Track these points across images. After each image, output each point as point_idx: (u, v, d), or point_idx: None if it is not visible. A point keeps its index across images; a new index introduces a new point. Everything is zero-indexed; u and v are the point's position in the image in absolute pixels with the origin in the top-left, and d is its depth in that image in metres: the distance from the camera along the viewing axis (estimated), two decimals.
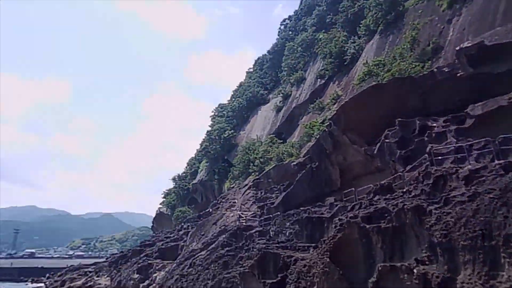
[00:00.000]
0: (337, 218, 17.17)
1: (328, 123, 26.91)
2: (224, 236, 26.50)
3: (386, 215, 14.37)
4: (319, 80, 43.34)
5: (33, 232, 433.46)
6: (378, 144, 20.66)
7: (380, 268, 13.61)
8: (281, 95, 52.22)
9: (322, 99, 38.61)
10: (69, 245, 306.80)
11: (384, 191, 17.15)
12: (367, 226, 14.66)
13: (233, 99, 71.08)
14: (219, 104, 75.20)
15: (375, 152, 20.84)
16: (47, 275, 78.21)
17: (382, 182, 18.07)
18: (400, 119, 19.84)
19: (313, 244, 18.33)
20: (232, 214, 32.82)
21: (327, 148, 25.93)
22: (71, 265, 61.95)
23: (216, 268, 22.20)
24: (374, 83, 23.70)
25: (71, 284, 41.44)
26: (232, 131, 59.83)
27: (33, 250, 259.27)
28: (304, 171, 27.60)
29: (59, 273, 57.24)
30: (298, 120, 43.46)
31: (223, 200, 40.66)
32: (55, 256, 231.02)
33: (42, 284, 59.70)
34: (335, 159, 25.33)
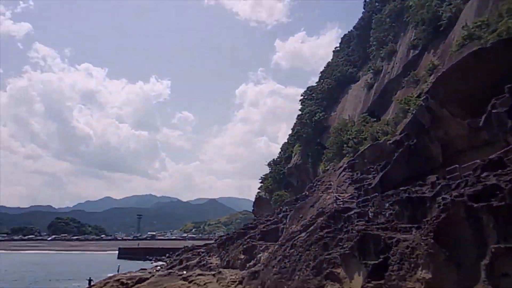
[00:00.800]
0: (440, 197, 16.36)
1: (424, 96, 25.21)
2: (322, 218, 26.99)
3: (497, 192, 13.34)
4: (412, 51, 40.30)
5: (152, 217, 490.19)
6: (485, 115, 18.82)
7: (493, 250, 12.75)
8: (371, 71, 49.92)
9: (416, 71, 35.96)
10: (182, 228, 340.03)
11: (494, 166, 15.73)
12: (475, 205, 13.76)
13: (322, 80, 70.05)
14: (308, 87, 74.87)
15: (481, 124, 19.03)
16: (167, 254, 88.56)
17: (491, 156, 16.56)
18: (510, 85, 17.77)
19: (415, 225, 17.78)
20: (328, 197, 33.07)
21: (425, 123, 24.40)
22: (186, 246, 68.99)
23: (317, 249, 22.91)
24: (476, 47, 21.39)
25: (188, 263, 46.29)
26: (323, 113, 59.34)
27: (154, 233, 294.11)
28: (401, 149, 26.39)
29: (176, 253, 64.41)
30: (391, 96, 41.23)
31: (319, 183, 41.03)
32: (172, 238, 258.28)
33: (164, 262, 67.96)
34: (435, 135, 23.73)
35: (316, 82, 75.79)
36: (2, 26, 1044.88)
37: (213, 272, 34.16)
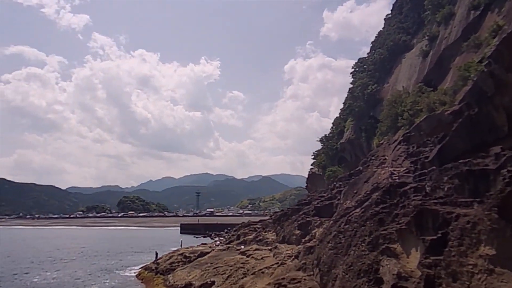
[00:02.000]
0: (505, 170, 15.44)
1: (487, 61, 23.32)
2: (377, 193, 26.63)
3: None
4: (472, 12, 36.98)
5: (209, 194, 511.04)
6: None
7: None
8: (426, 37, 46.69)
9: (478, 34, 33.07)
10: (238, 205, 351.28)
11: None
12: None
13: (373, 51, 66.97)
14: (359, 59, 72.01)
15: None
16: (225, 230, 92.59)
17: None
18: None
19: (477, 199, 17.02)
20: (383, 171, 32.37)
21: (488, 90, 22.67)
22: (242, 222, 71.52)
23: (372, 225, 22.78)
24: None
25: (245, 238, 48.21)
26: (375, 85, 57.05)
27: (212, 210, 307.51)
28: (461, 119, 24.88)
29: (234, 229, 67.09)
30: (449, 63, 38.48)
31: (373, 158, 40.13)
32: (229, 214, 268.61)
33: (223, 238, 71.24)
34: (500, 102, 22.01)
35: (368, 53, 72.74)
36: (63, 20, 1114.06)
37: (269, 247, 35.41)
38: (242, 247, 38.09)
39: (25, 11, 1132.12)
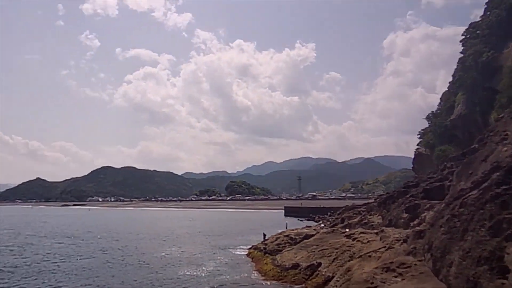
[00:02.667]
0: None
1: None
2: (498, 173, 23.99)
3: None
4: None
5: (311, 178, 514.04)
6: None
7: None
8: None
9: None
10: (341, 188, 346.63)
11: None
12: None
13: (488, 13, 58.73)
14: (470, 24, 63.90)
15: None
16: (328, 213, 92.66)
17: None
18: None
19: None
20: (505, 148, 28.77)
21: None
22: (346, 205, 70.78)
23: (493, 208, 20.75)
24: None
25: (349, 221, 47.80)
26: (491, 52, 50.21)
27: (314, 193, 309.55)
28: None
29: (338, 212, 66.88)
30: None
31: (491, 134, 35.73)
32: (331, 197, 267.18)
33: (326, 221, 71.51)
34: None
35: (481, 16, 63.95)
36: (170, 20, 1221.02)
37: (375, 231, 34.66)
38: (347, 230, 38.05)
39: (138, 16, 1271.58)
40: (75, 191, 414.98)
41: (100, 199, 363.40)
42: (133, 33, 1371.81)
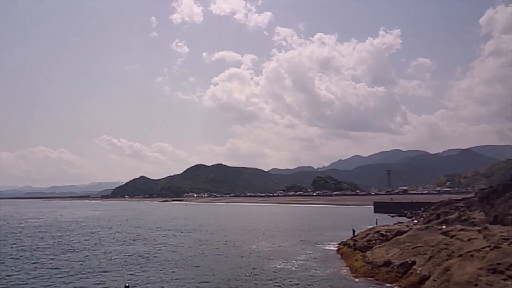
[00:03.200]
0: None
1: None
2: None
3: None
4: None
5: (401, 172, 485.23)
6: None
7: None
8: None
9: None
10: (435, 182, 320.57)
11: None
12: None
13: None
14: None
15: None
16: (422, 208, 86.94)
17: None
18: None
19: None
20: None
21: None
22: (441, 200, 65.89)
23: None
24: None
25: (446, 217, 44.66)
26: None
27: (405, 188, 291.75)
28: None
29: (432, 207, 62.62)
30: None
31: None
32: (424, 192, 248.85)
33: (420, 217, 67.35)
34: None
35: None
36: (251, 21, 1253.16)
37: (477, 228, 32.02)
38: (444, 227, 35.71)
39: (222, 20, 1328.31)
40: (173, 188, 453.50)
41: (195, 195, 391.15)
42: (217, 37, 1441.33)
